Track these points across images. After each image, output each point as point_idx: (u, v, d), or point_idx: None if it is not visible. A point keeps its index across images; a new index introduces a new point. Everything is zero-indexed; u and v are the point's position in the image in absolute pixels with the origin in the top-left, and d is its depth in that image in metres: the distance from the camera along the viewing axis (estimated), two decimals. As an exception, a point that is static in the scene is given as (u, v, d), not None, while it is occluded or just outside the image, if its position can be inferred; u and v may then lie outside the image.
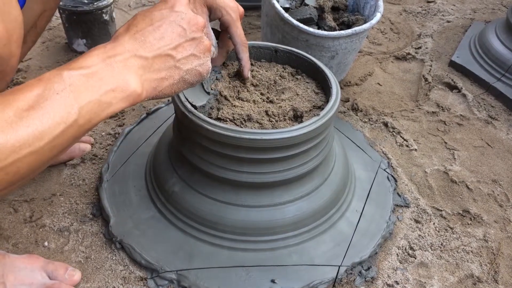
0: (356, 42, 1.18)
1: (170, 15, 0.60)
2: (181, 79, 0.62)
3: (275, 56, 0.96)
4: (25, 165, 0.48)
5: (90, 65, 0.52)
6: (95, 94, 0.51)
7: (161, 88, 0.60)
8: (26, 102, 0.47)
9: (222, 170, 0.78)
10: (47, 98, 0.48)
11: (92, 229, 0.88)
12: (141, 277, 0.80)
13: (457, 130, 1.23)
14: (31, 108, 0.47)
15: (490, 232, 0.94)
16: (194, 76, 0.63)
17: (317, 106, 0.86)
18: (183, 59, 0.61)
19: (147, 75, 0.57)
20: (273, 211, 0.81)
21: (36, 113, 0.47)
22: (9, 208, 0.91)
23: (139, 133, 1.07)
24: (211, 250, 0.82)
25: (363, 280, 0.82)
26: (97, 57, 0.54)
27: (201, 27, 0.63)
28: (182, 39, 0.60)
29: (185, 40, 0.61)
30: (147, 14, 0.60)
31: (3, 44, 0.54)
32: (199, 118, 0.74)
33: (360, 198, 0.95)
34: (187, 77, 0.62)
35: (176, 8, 0.61)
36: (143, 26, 0.58)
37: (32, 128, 0.47)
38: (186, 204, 0.83)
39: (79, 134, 0.52)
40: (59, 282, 0.75)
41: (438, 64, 1.50)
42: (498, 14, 1.85)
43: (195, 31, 0.61)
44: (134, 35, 0.57)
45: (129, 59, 0.55)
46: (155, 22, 0.59)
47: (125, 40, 0.57)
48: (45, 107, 0.48)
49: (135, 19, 0.60)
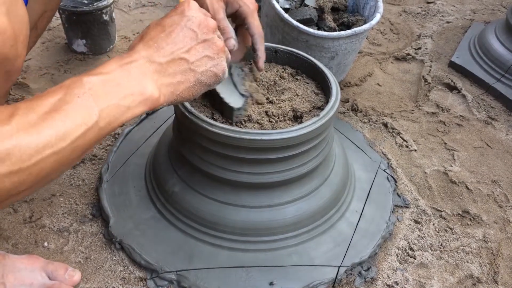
0: (356, 42, 1.18)
1: (181, 20, 0.62)
2: (197, 82, 0.63)
3: (275, 57, 0.96)
4: (48, 166, 0.49)
5: (108, 71, 0.55)
6: (114, 98, 0.54)
7: (178, 92, 0.61)
8: (48, 106, 0.49)
9: (222, 170, 0.78)
10: (69, 102, 0.50)
11: (92, 229, 0.88)
12: (140, 277, 0.80)
13: (456, 131, 1.23)
14: (54, 111, 0.49)
15: (490, 233, 0.94)
16: (210, 78, 0.64)
17: (317, 106, 0.86)
18: (197, 61, 0.62)
19: (162, 79, 0.59)
20: (273, 212, 0.81)
21: (59, 115, 0.49)
22: (8, 208, 0.90)
23: (139, 134, 1.07)
24: (211, 250, 0.82)
25: (362, 280, 0.82)
26: (115, 63, 0.56)
27: (212, 29, 0.64)
28: (194, 42, 0.62)
29: (197, 42, 0.62)
30: (159, 22, 0.63)
31: (10, 44, 0.54)
32: (199, 119, 0.74)
33: (360, 199, 0.95)
34: (203, 79, 0.64)
35: (186, 13, 0.63)
36: (156, 33, 0.61)
37: (55, 129, 0.49)
38: (186, 205, 0.83)
39: (99, 137, 0.54)
40: (59, 282, 0.75)
41: (437, 65, 1.50)
42: (498, 15, 1.85)
43: (206, 32, 0.63)
44: (147, 42, 0.60)
45: (145, 65, 0.58)
46: (166, 28, 0.61)
47: (139, 48, 0.59)
48: (67, 110, 0.50)
49: (148, 28, 0.62)
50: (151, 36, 0.61)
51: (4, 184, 0.46)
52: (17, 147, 0.46)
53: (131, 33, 1.55)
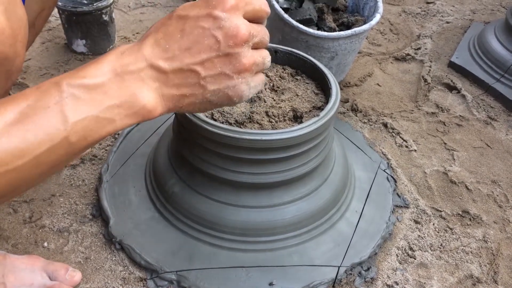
0: (356, 43, 1.18)
1: (206, 20, 0.50)
2: (204, 100, 0.54)
3: (275, 57, 0.96)
4: (4, 182, 0.45)
5: (96, 74, 0.48)
6: (94, 109, 0.47)
7: (181, 105, 0.53)
8: (14, 114, 0.44)
9: (222, 170, 0.78)
10: (36, 113, 0.45)
11: (92, 229, 0.88)
12: (140, 277, 0.80)
13: (456, 131, 1.23)
14: (18, 122, 0.44)
15: (490, 233, 0.94)
16: (221, 99, 0.54)
17: (317, 106, 0.86)
18: (210, 77, 0.52)
19: (163, 89, 0.51)
20: (273, 212, 0.81)
21: (19, 130, 0.44)
22: (8, 208, 0.90)
23: (139, 134, 1.07)
24: (211, 250, 0.82)
25: (362, 280, 0.82)
26: (108, 64, 0.49)
27: (242, 41, 0.51)
28: (213, 54, 0.51)
29: (217, 55, 0.51)
30: (185, 12, 0.52)
31: (9, 44, 0.52)
32: (199, 119, 0.74)
33: (359, 199, 0.95)
34: (213, 99, 0.54)
35: (215, 12, 0.50)
36: (173, 29, 0.51)
37: (12, 145, 0.43)
38: (186, 205, 0.83)
39: (73, 152, 0.48)
40: (59, 283, 0.75)
41: (437, 65, 1.50)
42: (497, 15, 1.86)
43: (232, 46, 0.51)
44: (159, 39, 0.51)
45: (144, 70, 0.50)
46: (186, 26, 0.51)
47: (147, 44, 0.51)
48: (30, 123, 0.44)
49: (171, 17, 0.52)
50: (167, 31, 0.51)
51: None
52: None
53: (131, 33, 1.55)
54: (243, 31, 0.51)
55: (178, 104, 0.53)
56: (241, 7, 0.51)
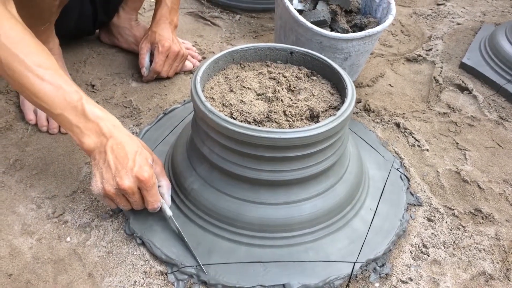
0: (369, 44, 1.20)
1: None
2: (100, 176, 0.80)
3: (291, 58, 0.98)
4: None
5: (94, 116, 0.80)
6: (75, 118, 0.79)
7: None
8: (44, 68, 0.78)
9: (240, 168, 0.81)
10: (49, 78, 0.78)
11: (113, 225, 0.90)
12: (161, 271, 0.82)
13: (468, 131, 1.24)
14: (37, 65, 0.77)
15: (502, 231, 0.96)
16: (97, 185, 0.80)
17: (332, 106, 0.88)
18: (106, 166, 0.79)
19: None
20: (290, 209, 0.83)
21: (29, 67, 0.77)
22: (32, 204, 0.93)
23: (157, 133, 1.10)
24: (229, 246, 0.84)
25: (377, 276, 0.84)
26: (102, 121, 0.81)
27: None
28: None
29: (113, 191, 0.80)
30: None
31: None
32: (219, 118, 0.76)
33: (374, 197, 0.97)
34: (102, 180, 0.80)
35: None
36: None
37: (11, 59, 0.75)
38: (205, 202, 0.85)
39: None
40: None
41: (448, 66, 1.51)
42: (508, 16, 1.87)
43: None
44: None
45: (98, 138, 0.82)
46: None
47: None
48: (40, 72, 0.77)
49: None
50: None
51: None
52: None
53: (146, 34, 1.57)
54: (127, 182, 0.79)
55: None
56: None
